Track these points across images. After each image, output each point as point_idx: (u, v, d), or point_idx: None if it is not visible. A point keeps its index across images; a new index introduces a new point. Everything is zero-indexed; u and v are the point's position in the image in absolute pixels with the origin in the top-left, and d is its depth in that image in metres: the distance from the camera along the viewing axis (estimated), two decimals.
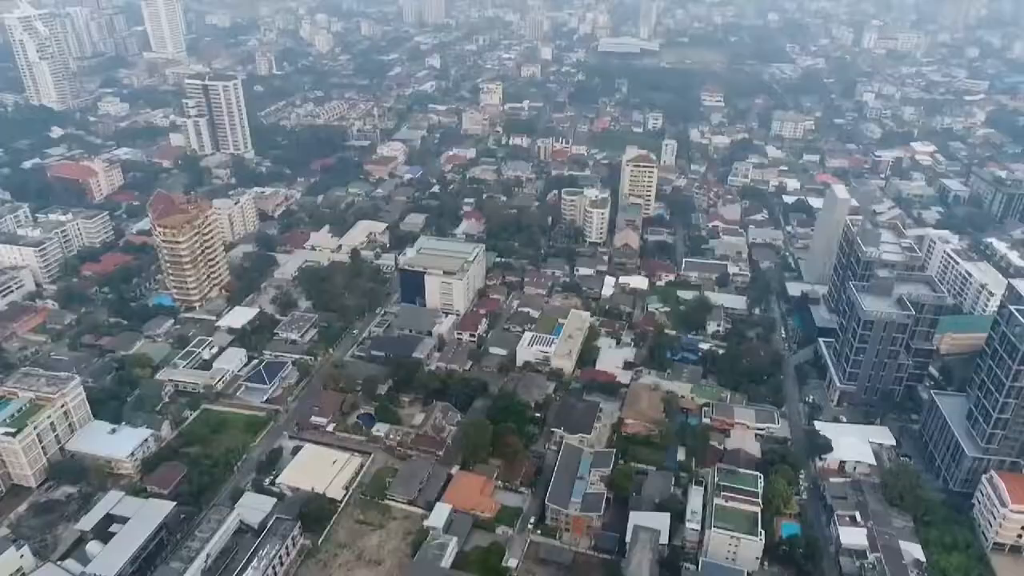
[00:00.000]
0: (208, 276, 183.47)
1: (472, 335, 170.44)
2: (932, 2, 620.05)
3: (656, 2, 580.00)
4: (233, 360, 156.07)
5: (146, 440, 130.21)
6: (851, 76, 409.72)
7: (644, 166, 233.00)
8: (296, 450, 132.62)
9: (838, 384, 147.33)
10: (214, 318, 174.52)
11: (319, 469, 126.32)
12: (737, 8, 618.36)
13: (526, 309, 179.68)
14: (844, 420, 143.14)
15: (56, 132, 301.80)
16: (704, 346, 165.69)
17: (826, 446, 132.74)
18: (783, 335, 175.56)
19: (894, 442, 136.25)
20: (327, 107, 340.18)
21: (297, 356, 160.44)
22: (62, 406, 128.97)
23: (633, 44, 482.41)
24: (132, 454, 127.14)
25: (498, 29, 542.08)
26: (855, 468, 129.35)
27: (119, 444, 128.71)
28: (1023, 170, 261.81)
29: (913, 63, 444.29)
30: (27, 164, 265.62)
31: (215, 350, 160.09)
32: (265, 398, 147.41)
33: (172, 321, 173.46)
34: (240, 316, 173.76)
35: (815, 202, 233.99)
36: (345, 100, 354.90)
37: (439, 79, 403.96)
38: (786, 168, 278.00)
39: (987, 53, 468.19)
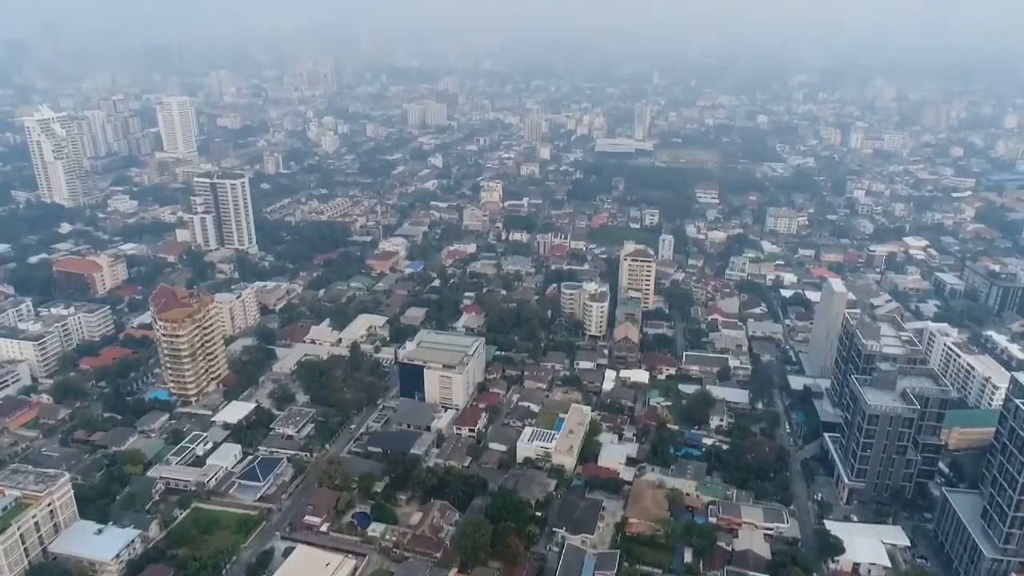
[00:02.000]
0: (206, 370, 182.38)
1: (471, 430, 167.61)
2: (914, 105, 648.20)
3: (650, 105, 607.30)
4: (227, 456, 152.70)
5: (132, 541, 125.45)
6: (841, 174, 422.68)
7: (642, 260, 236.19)
8: (288, 551, 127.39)
9: (846, 481, 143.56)
10: (210, 413, 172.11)
11: (311, 572, 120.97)
12: (727, 111, 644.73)
13: (526, 403, 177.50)
14: (855, 519, 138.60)
15: (65, 228, 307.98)
16: (708, 441, 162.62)
17: (838, 547, 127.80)
18: (787, 430, 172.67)
19: (908, 543, 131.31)
20: (331, 204, 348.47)
21: (293, 452, 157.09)
22: (48, 505, 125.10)
23: (628, 144, 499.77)
24: (117, 556, 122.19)
25: (498, 131, 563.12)
26: (870, 571, 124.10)
27: (104, 546, 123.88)
28: (1016, 264, 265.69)
29: (900, 162, 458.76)
30: (33, 259, 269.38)
31: (209, 446, 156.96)
32: (258, 496, 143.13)
33: (167, 416, 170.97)
34: (236, 411, 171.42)
35: (813, 296, 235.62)
36: (349, 197, 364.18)
37: (441, 177, 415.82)
38: (782, 262, 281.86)
39: (971, 152, 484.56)
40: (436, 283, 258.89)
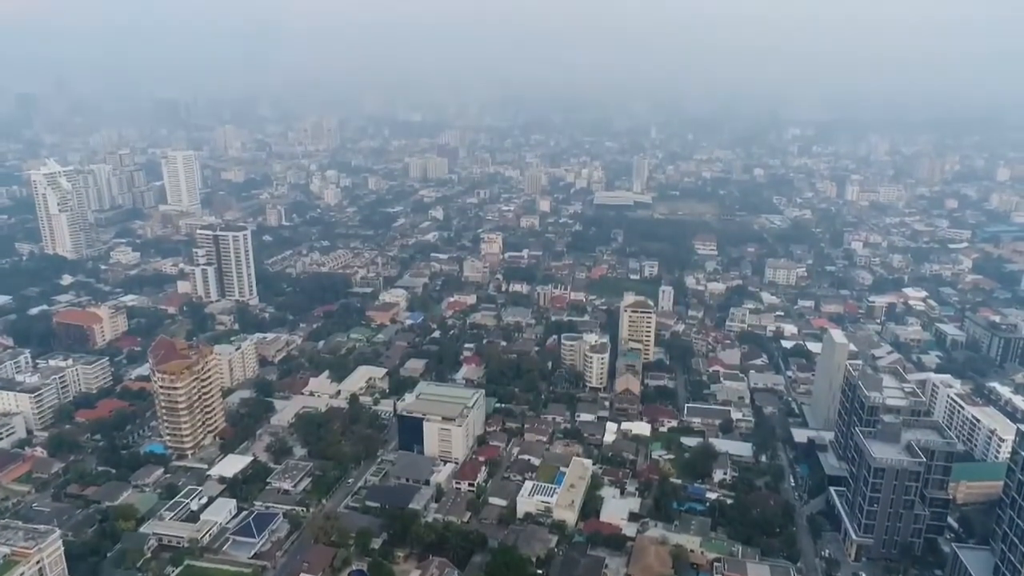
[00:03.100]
0: (203, 423, 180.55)
1: (471, 484, 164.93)
2: (907, 158, 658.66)
3: (648, 159, 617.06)
4: (222, 511, 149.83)
5: None
6: (838, 226, 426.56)
7: (642, 312, 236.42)
8: None
9: (854, 537, 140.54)
10: (206, 466, 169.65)
11: None
12: (724, 164, 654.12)
13: (526, 457, 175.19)
14: None
15: (67, 279, 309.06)
16: (711, 496, 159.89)
17: None
18: (792, 484, 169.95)
19: None
20: (332, 256, 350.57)
21: (289, 507, 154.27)
22: (38, 562, 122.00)
23: (627, 197, 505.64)
24: None
25: (498, 183, 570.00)
26: None
27: None
28: (1016, 315, 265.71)
29: (896, 213, 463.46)
30: (34, 310, 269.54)
31: (204, 500, 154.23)
32: (253, 553, 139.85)
33: (162, 470, 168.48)
34: (232, 464, 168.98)
35: (813, 347, 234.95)
36: (350, 249, 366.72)
37: (441, 229, 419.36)
38: (782, 313, 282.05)
39: (965, 204, 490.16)
40: (436, 334, 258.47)
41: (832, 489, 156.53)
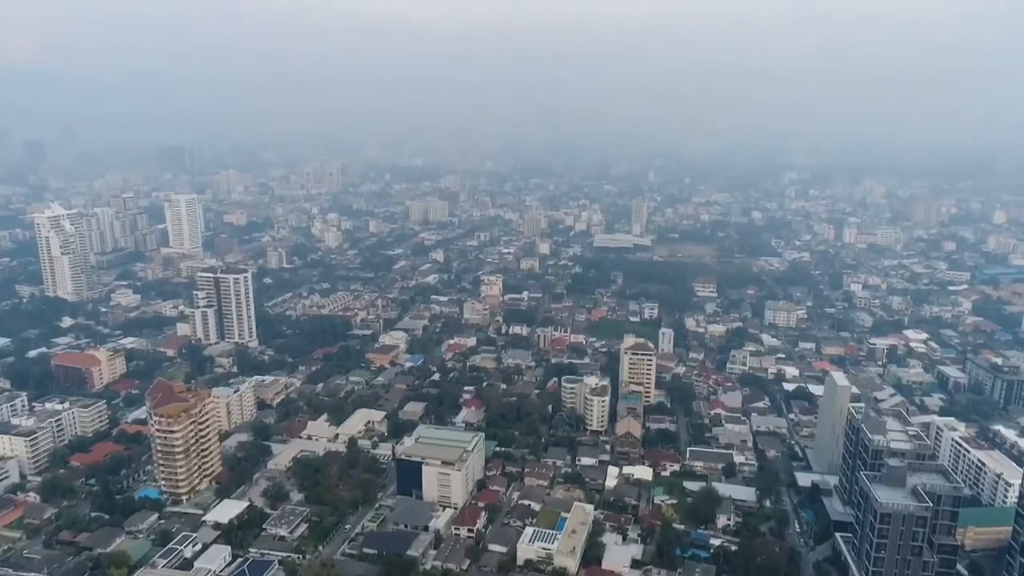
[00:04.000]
0: (199, 467, 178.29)
1: (470, 530, 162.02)
2: (904, 202, 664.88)
3: (646, 202, 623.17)
4: (216, 559, 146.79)
5: None
6: (837, 268, 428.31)
7: (643, 354, 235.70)
8: None
9: None
10: (201, 512, 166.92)
11: None
12: (722, 207, 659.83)
13: (527, 502, 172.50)
14: None
15: (67, 322, 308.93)
16: (715, 542, 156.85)
17: None
18: (797, 529, 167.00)
19: None
20: (332, 298, 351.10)
21: (285, 554, 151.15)
22: None
23: (626, 239, 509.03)
24: None
25: (499, 227, 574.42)
26: None
27: None
28: (1018, 357, 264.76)
29: (894, 256, 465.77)
30: (32, 353, 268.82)
31: (198, 547, 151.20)
32: None
33: (156, 515, 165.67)
34: (228, 510, 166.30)
35: (815, 389, 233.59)
36: (350, 291, 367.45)
37: (442, 272, 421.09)
38: (783, 356, 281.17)
39: (963, 247, 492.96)
40: (436, 377, 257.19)
41: (838, 535, 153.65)
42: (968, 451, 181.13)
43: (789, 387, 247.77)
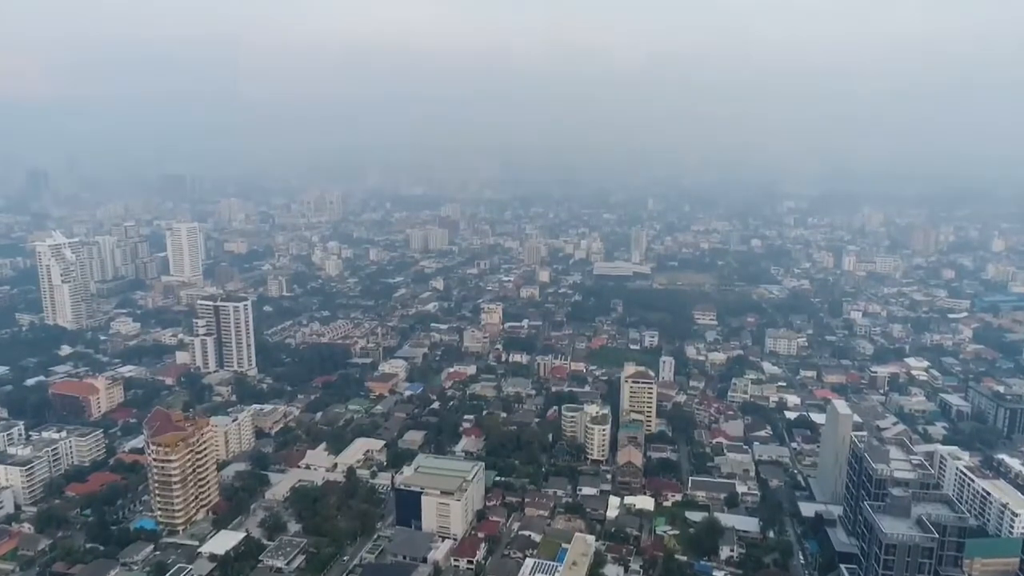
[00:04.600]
0: (196, 497, 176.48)
1: (470, 562, 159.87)
2: (902, 230, 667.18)
3: (646, 230, 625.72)
4: None
5: None
6: (836, 296, 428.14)
7: (643, 382, 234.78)
8: None
9: None
10: (197, 543, 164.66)
11: None
12: (721, 235, 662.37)
13: (527, 532, 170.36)
14: None
15: (65, 350, 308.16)
16: (718, 574, 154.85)
17: None
18: (802, 561, 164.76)
19: None
20: (332, 326, 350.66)
21: None
22: None
23: (626, 268, 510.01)
24: None
25: (499, 255, 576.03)
26: None
27: None
28: (1020, 385, 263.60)
29: (894, 284, 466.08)
30: (31, 381, 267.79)
31: None
32: None
33: (152, 547, 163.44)
34: (224, 541, 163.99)
35: (817, 418, 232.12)
36: (350, 319, 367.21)
37: (442, 300, 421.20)
38: (784, 384, 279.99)
39: (962, 275, 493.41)
40: (435, 405, 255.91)
41: (843, 567, 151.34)
42: (973, 480, 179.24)
43: (791, 416, 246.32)
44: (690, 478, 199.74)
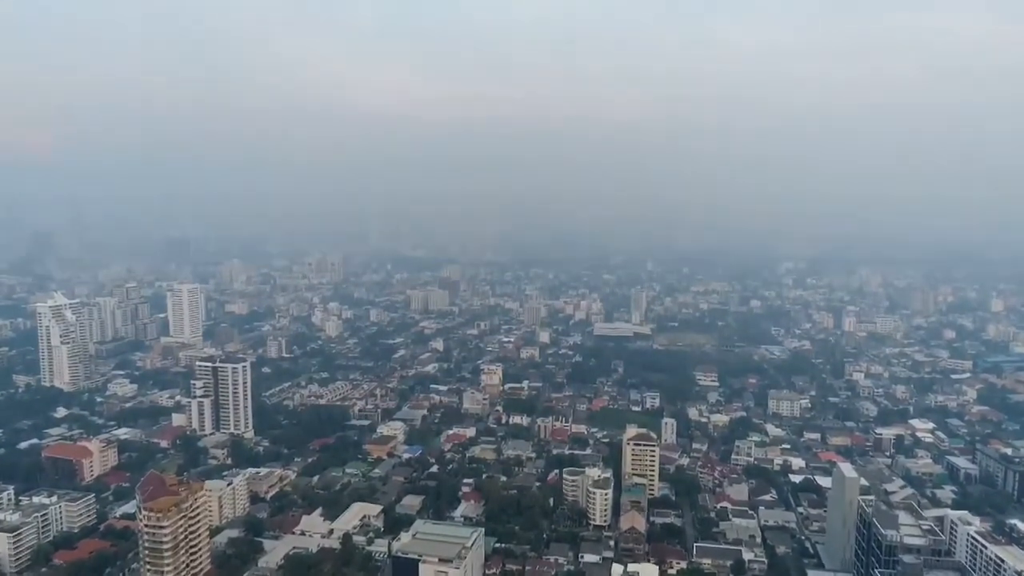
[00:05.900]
0: (188, 565, 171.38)
1: None
2: (900, 291, 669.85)
3: (645, 291, 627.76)
4: None
5: None
6: (838, 357, 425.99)
7: (645, 444, 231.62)
8: None
9: None
10: None
11: None
12: (721, 296, 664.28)
13: None
14: None
15: (60, 412, 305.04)
16: None
17: None
18: None
19: None
20: (331, 388, 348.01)
21: None
22: None
23: (626, 328, 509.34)
24: None
25: (499, 316, 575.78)
26: None
27: None
28: None
29: (895, 344, 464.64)
30: (24, 444, 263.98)
31: None
32: None
33: None
34: None
35: (823, 481, 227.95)
36: (349, 381, 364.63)
37: (441, 361, 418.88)
38: (788, 446, 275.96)
39: (963, 335, 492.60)
40: (434, 468, 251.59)
41: None
42: (986, 547, 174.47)
43: (796, 479, 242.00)
44: (695, 544, 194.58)
